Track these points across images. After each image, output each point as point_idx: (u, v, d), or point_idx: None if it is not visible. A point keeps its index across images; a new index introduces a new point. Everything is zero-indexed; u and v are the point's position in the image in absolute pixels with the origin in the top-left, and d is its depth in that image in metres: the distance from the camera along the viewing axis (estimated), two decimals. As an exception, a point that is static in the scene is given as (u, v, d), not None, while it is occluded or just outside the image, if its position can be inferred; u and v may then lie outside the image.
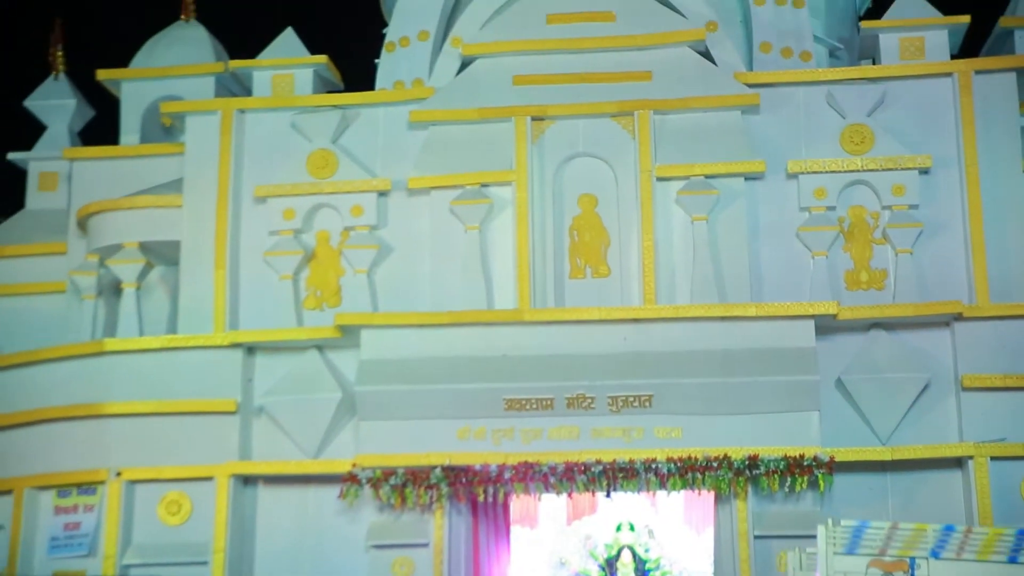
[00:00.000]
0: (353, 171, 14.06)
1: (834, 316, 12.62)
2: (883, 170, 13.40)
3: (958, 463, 12.59)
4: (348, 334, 13.06)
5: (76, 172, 15.48)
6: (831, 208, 13.48)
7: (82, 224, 14.84)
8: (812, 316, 12.61)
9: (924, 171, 13.42)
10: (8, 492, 13.59)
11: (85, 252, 14.76)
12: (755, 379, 12.43)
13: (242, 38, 16.13)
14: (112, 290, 14.72)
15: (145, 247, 14.45)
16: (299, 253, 13.94)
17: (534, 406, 12.65)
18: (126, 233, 14.44)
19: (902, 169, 13.38)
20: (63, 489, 13.47)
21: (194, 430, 13.28)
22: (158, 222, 14.39)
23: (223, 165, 14.30)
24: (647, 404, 12.56)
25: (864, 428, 12.73)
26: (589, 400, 12.59)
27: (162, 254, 14.59)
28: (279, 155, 14.30)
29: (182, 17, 16.41)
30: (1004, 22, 15.16)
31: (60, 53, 16.60)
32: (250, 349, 13.53)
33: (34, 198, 16.09)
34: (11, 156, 16.24)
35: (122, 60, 16.03)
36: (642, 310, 13.09)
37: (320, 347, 13.41)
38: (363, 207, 13.98)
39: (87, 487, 13.38)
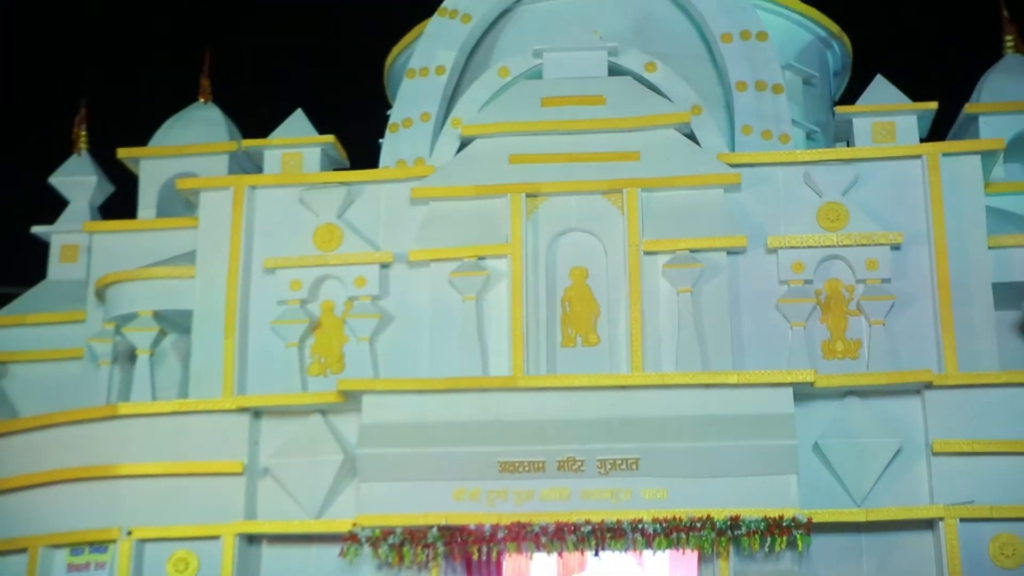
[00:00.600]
0: (357, 244, 14.08)
1: (811, 384, 12.58)
2: (857, 246, 13.40)
3: (929, 524, 12.49)
4: (350, 399, 13.03)
5: (96, 244, 15.48)
6: (808, 281, 13.45)
7: (100, 294, 14.80)
8: (790, 384, 12.56)
9: (896, 247, 13.42)
10: (23, 550, 13.46)
11: (102, 320, 14.73)
12: (736, 443, 12.37)
13: (255, 117, 16.23)
14: (127, 356, 14.67)
15: (159, 315, 14.40)
16: (305, 322, 13.90)
17: (527, 468, 12.56)
18: (141, 302, 14.38)
19: (875, 245, 13.38)
20: (76, 547, 13.35)
21: (202, 490, 13.19)
22: (172, 292, 14.36)
23: (234, 238, 14.31)
24: (634, 467, 12.48)
25: (840, 491, 12.63)
26: (579, 463, 12.51)
27: (175, 322, 14.55)
28: (287, 229, 14.32)
29: (200, 99, 16.53)
30: (969, 108, 15.26)
31: (83, 133, 16.71)
32: (257, 413, 13.46)
33: (56, 269, 16.10)
34: (35, 229, 16.27)
35: (141, 139, 16.11)
36: (630, 377, 13.06)
37: (323, 411, 13.34)
38: (366, 278, 13.97)
39: (99, 545, 13.26)
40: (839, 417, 12.79)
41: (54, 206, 16.47)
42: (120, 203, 16.62)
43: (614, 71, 14.60)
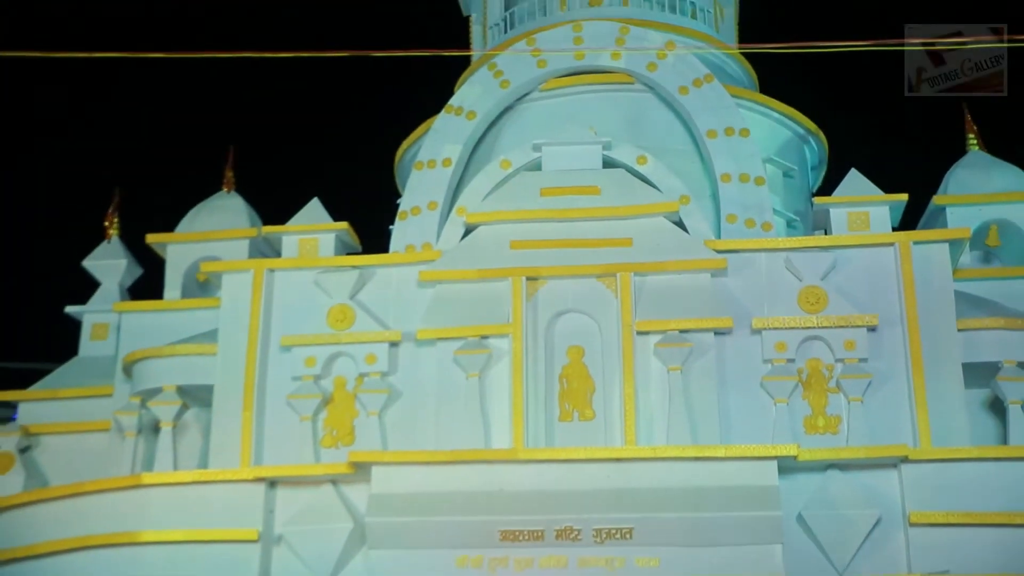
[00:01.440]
0: (368, 324, 14.02)
1: (795, 458, 12.49)
2: (836, 327, 13.36)
3: (908, 593, 12.35)
4: (360, 470, 12.92)
5: (124, 323, 15.45)
6: (791, 360, 13.39)
7: (127, 369, 14.76)
8: (775, 457, 12.47)
9: (872, 328, 13.38)
10: (52, 613, 13.30)
11: (129, 394, 14.65)
12: (724, 514, 12.25)
13: (275, 204, 16.24)
14: (151, 429, 14.60)
15: (182, 390, 14.34)
16: (318, 397, 13.83)
17: (526, 537, 12.43)
18: (166, 377, 14.32)
19: (852, 327, 13.34)
20: (101, 610, 13.16)
21: (220, 556, 13.00)
22: (195, 368, 14.29)
23: (253, 318, 14.26)
24: (628, 536, 12.34)
25: (823, 560, 12.47)
26: (576, 532, 12.38)
27: (197, 396, 14.48)
28: (303, 309, 14.26)
29: (224, 189, 16.57)
30: (937, 200, 15.29)
31: (115, 220, 16.79)
32: (272, 483, 13.32)
33: (86, 346, 16.07)
34: (68, 310, 16.25)
35: (168, 224, 16.17)
36: (623, 450, 12.97)
37: (335, 482, 13.20)
38: (376, 356, 13.89)
39: (123, 608, 13.06)
40: (821, 489, 12.67)
41: (86, 287, 16.51)
42: (148, 284, 16.64)
43: (608, 164, 14.68)
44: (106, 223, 16.78)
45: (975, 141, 15.92)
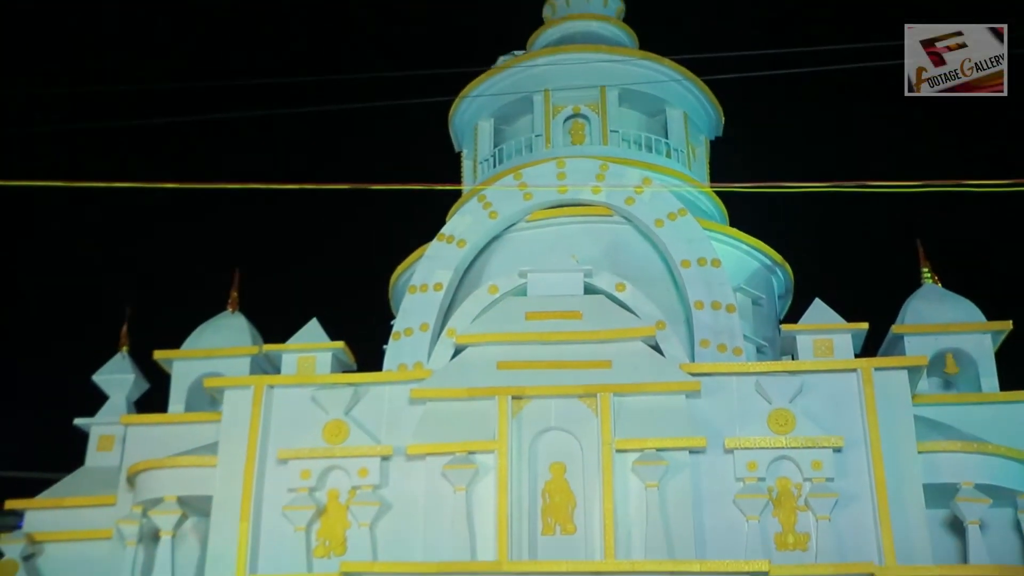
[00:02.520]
0: (361, 439, 13.87)
1: (766, 574, 12.27)
2: (804, 448, 13.26)
3: None
4: (352, 580, 12.59)
5: (130, 435, 15.26)
6: (761, 479, 13.25)
7: (131, 480, 14.51)
8: (748, 573, 12.27)
9: (837, 449, 13.27)
10: None
11: (131, 504, 14.41)
12: None
13: (276, 322, 16.17)
14: (151, 537, 14.28)
15: (182, 500, 14.10)
16: (312, 508, 13.60)
17: (510, 647, 12.08)
18: (168, 488, 14.10)
19: (819, 448, 13.24)
20: None
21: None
22: (195, 479, 14.08)
23: (252, 431, 14.11)
24: (607, 647, 12.01)
25: (793, 672, 12.17)
26: (557, 642, 12.04)
27: (196, 507, 14.21)
28: (300, 424, 14.13)
29: (228, 308, 16.47)
30: (896, 329, 15.31)
31: (127, 335, 16.62)
32: (266, 592, 12.97)
33: (93, 456, 15.76)
34: (77, 422, 16.01)
35: (174, 341, 16.03)
36: (603, 564, 12.72)
37: (327, 591, 12.87)
38: (368, 469, 13.71)
39: None
40: (792, 605, 12.40)
41: (94, 400, 16.26)
42: (153, 398, 16.44)
43: (589, 290, 14.72)
44: (121, 338, 16.58)
45: (929, 274, 16.02)
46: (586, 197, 15.92)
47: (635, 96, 17.89)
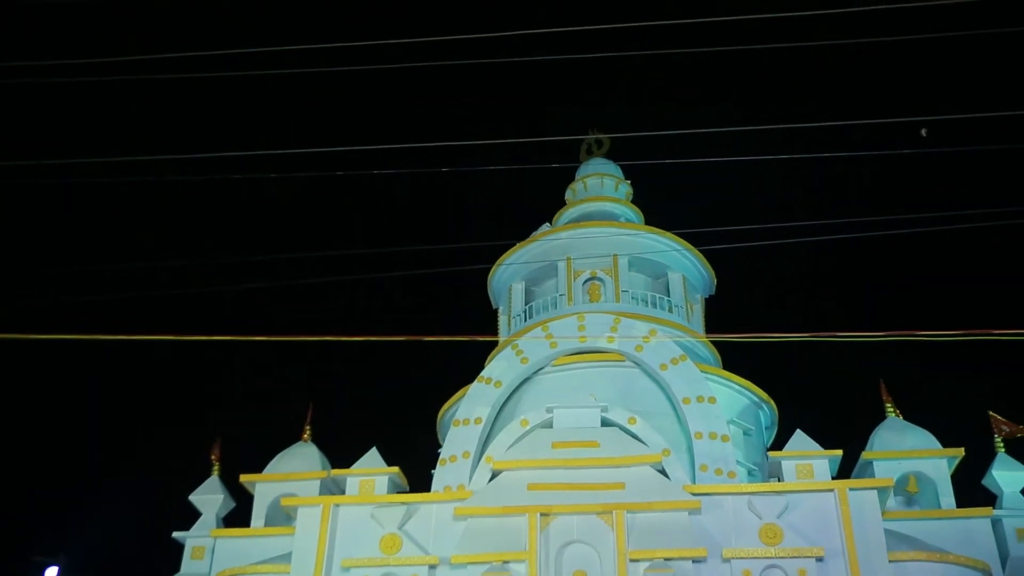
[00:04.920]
0: (413, 550, 13.78)
1: (761, 668, 11.87)
2: (790, 557, 13.05)
3: None
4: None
5: (219, 546, 15.27)
6: (755, 585, 13.00)
7: (218, 585, 14.46)
8: (745, 668, 11.84)
9: (819, 559, 13.07)
10: None
11: (219, 606, 14.31)
12: None
13: (342, 450, 16.19)
14: (234, 634, 14.11)
15: (262, 602, 13.96)
16: (372, 610, 13.40)
17: None
18: (251, 593, 14.01)
19: (804, 557, 13.01)
20: None
21: None
22: None
23: (321, 543, 14.02)
24: None
25: None
26: None
27: (274, 609, 14.05)
28: (361, 536, 14.03)
29: (303, 438, 16.57)
30: (865, 455, 15.23)
31: (217, 461, 16.68)
32: None
33: (187, 564, 15.64)
34: (175, 535, 15.96)
35: (256, 466, 16.06)
36: (620, 660, 12.34)
37: None
38: (419, 576, 13.56)
39: None
40: None
41: (189, 516, 16.23)
42: (237, 513, 16.40)
43: (605, 423, 14.72)
44: (213, 460, 16.55)
45: (892, 408, 15.98)
46: (602, 345, 16.04)
47: (642, 262, 18.18)
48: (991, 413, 15.25)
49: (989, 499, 14.86)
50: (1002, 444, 15.15)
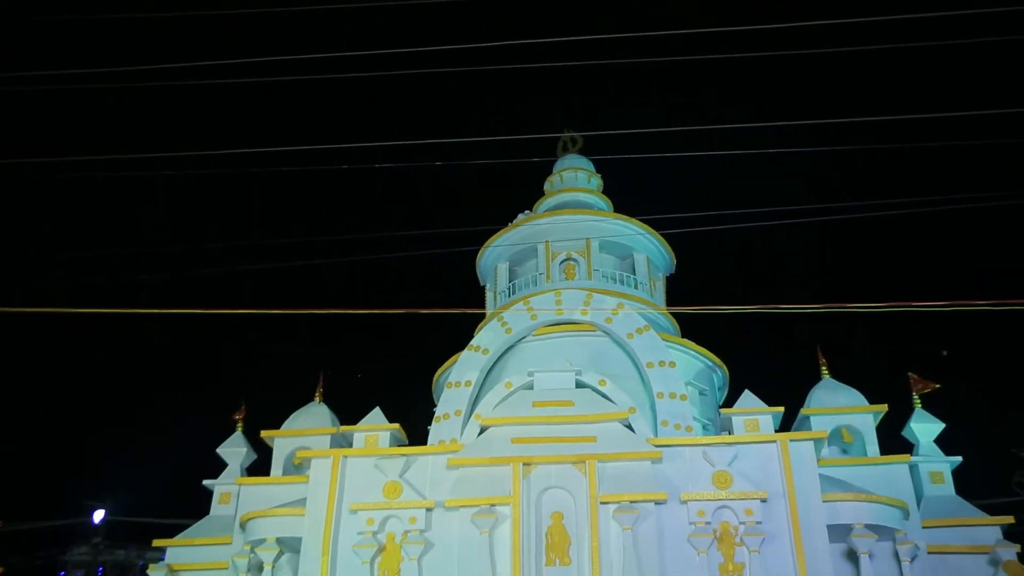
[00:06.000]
0: (411, 495, 14.07)
1: (712, 593, 12.31)
2: (739, 499, 13.42)
3: None
4: (405, 601, 12.68)
5: (243, 492, 15.47)
6: (708, 523, 13.40)
7: (243, 525, 14.71)
8: (699, 591, 12.29)
9: (764, 500, 13.44)
10: None
11: (243, 543, 14.60)
12: None
13: (349, 409, 16.38)
14: (257, 568, 14.50)
15: (280, 540, 14.28)
16: (375, 547, 13.77)
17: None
18: (269, 531, 14.27)
19: (750, 499, 13.40)
20: None
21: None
22: (289, 525, 14.26)
23: (331, 490, 14.29)
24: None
25: None
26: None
27: (290, 545, 14.39)
28: (366, 484, 14.31)
29: (316, 399, 16.58)
30: (804, 411, 15.45)
31: (241, 421, 16.78)
32: (342, 609, 12.98)
33: (215, 508, 15.92)
34: (205, 482, 16.18)
35: (275, 422, 16.20)
36: (591, 587, 12.76)
37: (386, 608, 12.95)
38: (416, 518, 13.90)
39: None
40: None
41: (217, 465, 16.47)
42: (260, 464, 16.61)
43: (579, 385, 14.99)
44: (237, 421, 16.72)
45: (826, 371, 16.17)
46: (577, 317, 16.18)
47: (611, 245, 18.34)
48: (910, 373, 15.60)
49: (907, 447, 15.25)
50: (919, 400, 15.46)
